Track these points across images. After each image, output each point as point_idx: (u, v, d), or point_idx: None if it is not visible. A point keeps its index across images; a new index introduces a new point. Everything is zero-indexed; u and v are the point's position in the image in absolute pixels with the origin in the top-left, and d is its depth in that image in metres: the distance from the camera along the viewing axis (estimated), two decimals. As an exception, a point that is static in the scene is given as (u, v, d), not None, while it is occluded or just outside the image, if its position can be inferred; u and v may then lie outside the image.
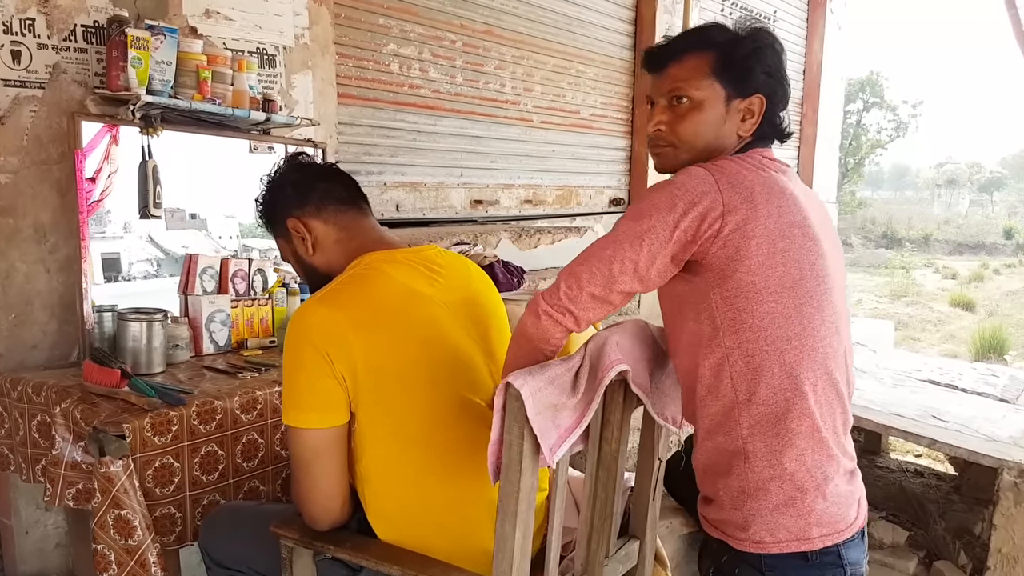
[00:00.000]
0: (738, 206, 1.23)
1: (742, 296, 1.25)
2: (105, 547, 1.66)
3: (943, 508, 3.40)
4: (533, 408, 1.20)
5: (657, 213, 1.24)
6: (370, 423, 1.37)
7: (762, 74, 1.34)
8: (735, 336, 1.26)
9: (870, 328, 5.28)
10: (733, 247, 1.23)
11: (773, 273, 1.24)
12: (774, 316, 1.24)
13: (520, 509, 1.23)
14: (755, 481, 1.28)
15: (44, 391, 1.89)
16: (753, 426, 1.28)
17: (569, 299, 1.31)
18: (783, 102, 1.39)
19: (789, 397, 1.26)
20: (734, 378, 1.28)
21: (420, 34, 3.45)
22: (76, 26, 2.19)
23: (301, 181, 1.57)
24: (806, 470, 1.27)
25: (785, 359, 1.25)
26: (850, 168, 24.67)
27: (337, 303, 1.37)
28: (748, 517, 1.28)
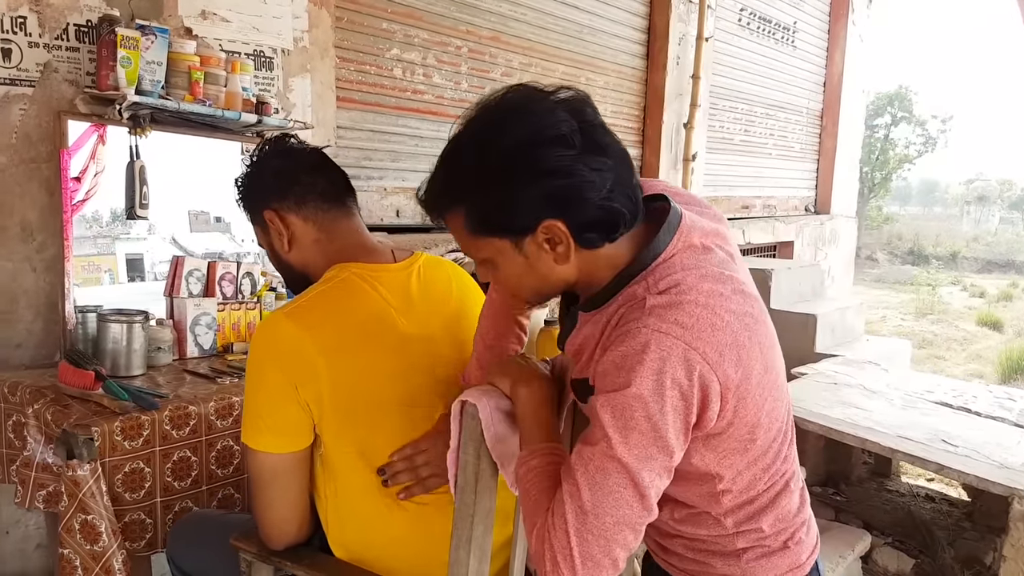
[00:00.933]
0: (729, 374, 1.00)
1: (739, 445, 1.10)
2: (71, 552, 1.64)
3: (953, 535, 3.30)
4: (492, 439, 1.16)
5: (650, 434, 0.97)
6: (335, 448, 1.32)
7: (535, 199, 0.99)
8: (733, 481, 1.12)
9: (885, 346, 5.17)
10: (731, 416, 1.03)
11: (764, 406, 1.07)
12: (769, 432, 1.11)
13: (475, 534, 1.18)
14: (754, 550, 1.19)
15: (19, 391, 1.87)
16: (730, 515, 1.16)
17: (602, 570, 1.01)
18: (588, 193, 0.98)
19: (777, 488, 1.18)
20: (713, 503, 1.15)
21: (424, 39, 3.43)
22: (68, 25, 2.18)
23: (284, 170, 1.45)
24: (791, 518, 1.20)
25: (767, 463, 1.14)
26: (877, 183, 24.37)
27: (307, 322, 1.29)
28: (748, 571, 1.19)
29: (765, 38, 5.97)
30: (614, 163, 1.00)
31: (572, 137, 0.98)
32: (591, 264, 1.07)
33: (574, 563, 0.98)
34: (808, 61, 6.61)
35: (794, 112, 6.54)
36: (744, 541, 1.17)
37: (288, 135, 1.55)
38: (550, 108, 1.00)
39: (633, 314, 1.01)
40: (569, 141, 0.97)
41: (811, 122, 6.83)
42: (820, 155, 7.00)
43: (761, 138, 6.16)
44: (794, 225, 6.37)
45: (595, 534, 0.98)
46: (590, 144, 0.99)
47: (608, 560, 0.99)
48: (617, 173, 1.00)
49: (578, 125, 0.99)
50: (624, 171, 1.02)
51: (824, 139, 6.96)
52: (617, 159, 1.01)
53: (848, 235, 7.38)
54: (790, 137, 6.57)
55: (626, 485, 0.97)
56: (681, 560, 1.23)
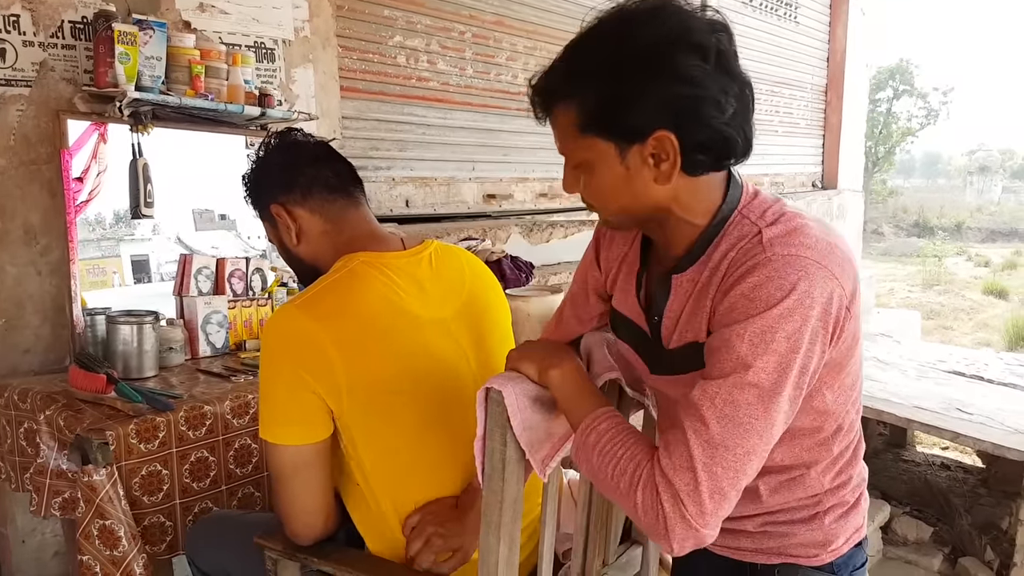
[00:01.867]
0: (849, 288, 1.00)
1: (851, 377, 1.09)
2: (90, 558, 1.62)
3: (969, 502, 3.28)
4: (519, 425, 1.13)
5: (791, 354, 0.95)
6: (357, 440, 1.29)
7: (659, 101, 0.96)
8: (839, 419, 1.11)
9: (896, 318, 5.15)
10: (850, 335, 1.03)
11: (860, 324, 1.08)
12: (855, 378, 1.11)
13: (504, 520, 1.15)
14: (836, 510, 1.18)
15: (30, 397, 1.85)
16: (828, 470, 1.15)
17: (718, 501, 0.95)
18: (711, 111, 0.96)
19: (856, 436, 1.18)
20: (825, 449, 1.14)
21: (427, 25, 3.38)
22: (63, 22, 2.14)
23: (288, 163, 1.44)
24: (861, 467, 1.22)
25: (858, 402, 1.15)
26: (880, 156, 24.25)
27: (318, 313, 1.27)
28: (828, 534, 1.17)
29: (768, 15, 5.91)
30: (740, 92, 0.99)
31: (709, 53, 0.96)
32: (688, 195, 1.04)
33: (702, 498, 0.93)
34: (811, 36, 6.54)
35: (799, 88, 6.48)
36: (832, 499, 1.16)
37: (292, 129, 1.53)
38: (696, 16, 0.98)
39: (752, 251, 0.99)
40: (707, 54, 0.95)
41: (816, 98, 6.77)
42: (826, 130, 6.94)
43: (767, 115, 6.10)
44: (802, 201, 6.33)
45: (724, 466, 0.94)
46: (724, 66, 0.97)
47: (734, 492, 0.96)
48: (741, 103, 0.99)
49: (717, 45, 0.97)
50: (747, 104, 1.01)
51: (829, 114, 6.90)
52: (744, 90, 1.00)
53: (855, 209, 7.34)
54: (795, 113, 6.51)
55: (758, 415, 0.95)
56: (755, 539, 1.19)
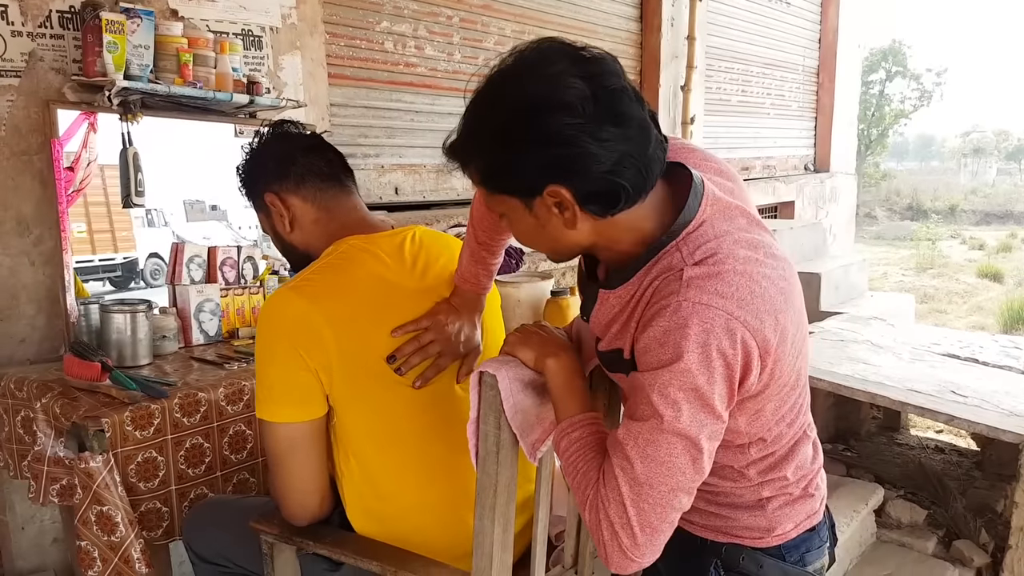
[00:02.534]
0: (769, 338, 0.98)
1: (772, 406, 1.09)
2: (89, 544, 1.63)
3: (964, 485, 3.31)
4: (511, 409, 1.14)
5: (700, 405, 0.96)
6: (349, 418, 1.32)
7: (536, 164, 0.97)
8: (755, 436, 1.12)
9: (889, 302, 5.16)
10: (768, 376, 1.02)
11: (796, 364, 1.08)
12: (779, 405, 1.11)
13: (499, 503, 1.17)
14: (778, 499, 1.19)
15: (25, 386, 1.86)
16: (753, 466, 1.16)
17: (649, 535, 0.99)
18: (590, 165, 0.95)
19: (797, 437, 1.19)
20: (740, 455, 1.15)
21: (415, 10, 3.37)
22: (51, 12, 2.14)
23: (281, 153, 1.48)
24: (809, 464, 1.22)
25: (791, 418, 1.16)
26: (873, 139, 24.25)
27: (311, 293, 1.30)
28: (772, 521, 1.19)
29: (758, -5, 5.90)
30: (630, 133, 0.96)
31: (581, 104, 0.93)
32: (608, 231, 1.04)
33: (633, 531, 0.98)
34: (802, 17, 6.53)
35: (790, 70, 6.48)
36: (769, 490, 1.17)
37: (285, 120, 1.57)
38: (562, 72, 0.95)
39: (670, 287, 0.99)
40: (576, 109, 0.93)
41: (807, 79, 6.76)
42: (818, 112, 6.94)
43: (758, 98, 6.10)
44: (794, 184, 6.33)
45: (651, 503, 0.98)
46: (604, 112, 0.94)
47: (666, 524, 1.00)
48: (631, 144, 0.96)
49: (592, 92, 0.94)
50: (640, 142, 0.97)
51: (821, 96, 6.90)
52: (635, 129, 0.96)
53: (848, 192, 7.35)
54: (787, 96, 6.51)
55: (679, 454, 0.97)
56: (703, 516, 1.22)
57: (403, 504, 1.36)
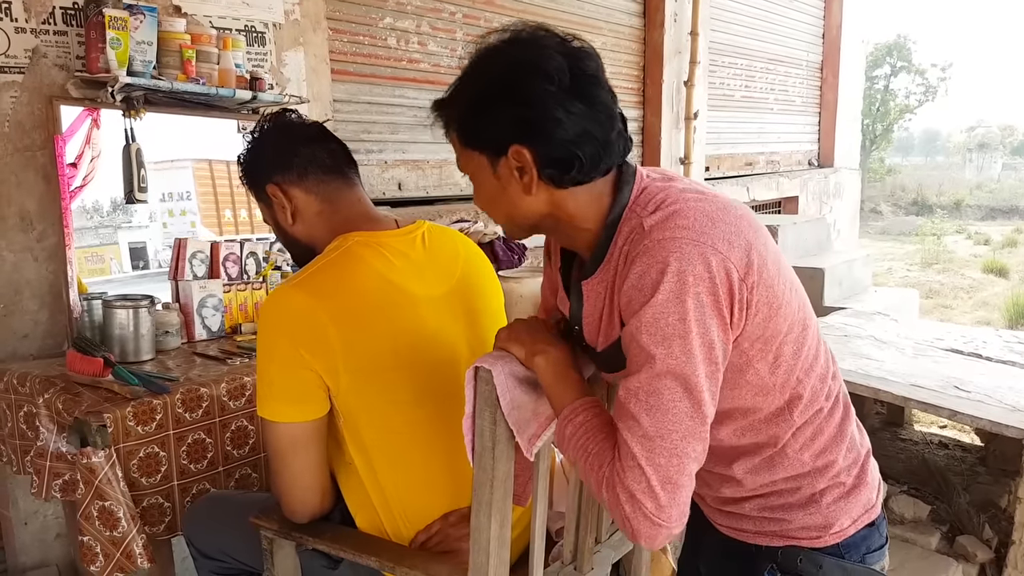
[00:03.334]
0: (740, 257, 1.00)
1: (791, 347, 1.10)
2: (91, 539, 1.64)
3: (967, 481, 3.30)
4: (508, 405, 1.14)
5: (688, 334, 0.97)
6: (352, 415, 1.31)
7: (504, 120, 1.03)
8: (788, 391, 1.12)
9: (894, 297, 5.15)
10: (765, 304, 1.03)
11: (794, 302, 1.09)
12: (798, 347, 1.11)
13: (495, 498, 1.16)
14: (832, 491, 1.18)
15: (28, 381, 1.87)
16: (806, 448, 1.16)
17: (669, 493, 0.99)
18: (552, 128, 1.01)
19: (839, 410, 1.20)
20: (783, 422, 1.14)
21: (417, 6, 3.37)
22: (55, 8, 2.14)
23: (283, 144, 1.46)
24: (858, 445, 1.22)
25: (821, 372, 1.16)
26: (878, 134, 24.16)
27: (315, 290, 1.28)
28: (829, 517, 1.17)
29: (762, -9, 5.89)
30: (595, 114, 1.03)
31: (558, 76, 1.01)
32: (570, 205, 1.09)
33: (654, 491, 0.97)
34: (806, 13, 6.51)
35: (794, 65, 6.46)
36: (823, 481, 1.16)
37: (287, 110, 1.55)
38: (548, 46, 1.04)
39: (638, 240, 1.03)
40: (552, 78, 1.01)
41: (811, 75, 6.74)
42: (821, 108, 6.92)
43: (762, 93, 6.08)
44: (798, 180, 6.32)
45: (666, 456, 0.98)
46: (577, 89, 1.02)
47: (685, 478, 0.99)
48: (595, 125, 1.03)
49: (570, 69, 1.01)
50: (603, 126, 1.04)
51: (825, 91, 6.88)
52: (602, 113, 1.04)
53: (852, 187, 7.33)
54: (791, 91, 6.49)
55: (680, 396, 0.98)
56: (757, 523, 1.20)
57: (405, 501, 1.36)
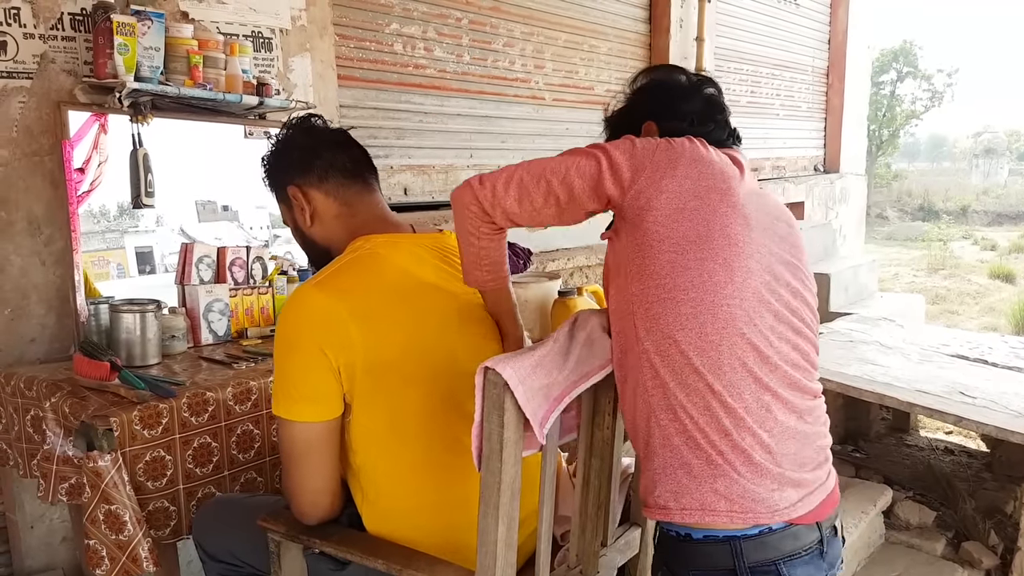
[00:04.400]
0: (660, 165, 1.25)
1: (647, 244, 1.23)
2: (97, 542, 1.64)
3: (973, 487, 3.29)
4: (524, 395, 1.15)
5: (613, 147, 1.29)
6: (367, 416, 1.31)
7: (639, 111, 1.49)
8: (639, 283, 1.24)
9: (899, 303, 5.14)
10: (645, 199, 1.24)
11: (678, 227, 1.22)
12: (673, 265, 1.21)
13: (502, 501, 1.17)
14: (660, 437, 1.23)
15: (35, 385, 1.87)
16: (655, 377, 1.22)
17: (499, 175, 1.31)
18: (676, 112, 1.44)
19: (682, 349, 1.20)
20: (637, 326, 1.25)
21: (424, 12, 3.38)
22: (63, 14, 2.15)
23: (307, 147, 1.49)
24: (702, 432, 1.19)
25: (680, 309, 1.20)
26: (884, 140, 24.12)
27: (336, 289, 1.30)
28: (653, 477, 1.23)
29: (768, -4, 5.89)
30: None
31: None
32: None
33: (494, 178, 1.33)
34: (811, 19, 6.51)
35: (799, 71, 6.46)
36: (659, 414, 1.24)
37: (312, 115, 1.57)
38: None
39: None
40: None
41: (817, 80, 6.74)
42: (827, 113, 6.92)
43: (768, 99, 6.09)
44: (804, 185, 6.31)
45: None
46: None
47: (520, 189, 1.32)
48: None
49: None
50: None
51: (831, 97, 6.87)
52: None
53: (858, 193, 7.32)
54: (796, 96, 6.49)
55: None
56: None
57: (416, 504, 1.36)
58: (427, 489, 1.35)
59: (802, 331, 1.28)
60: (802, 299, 1.30)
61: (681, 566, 1.25)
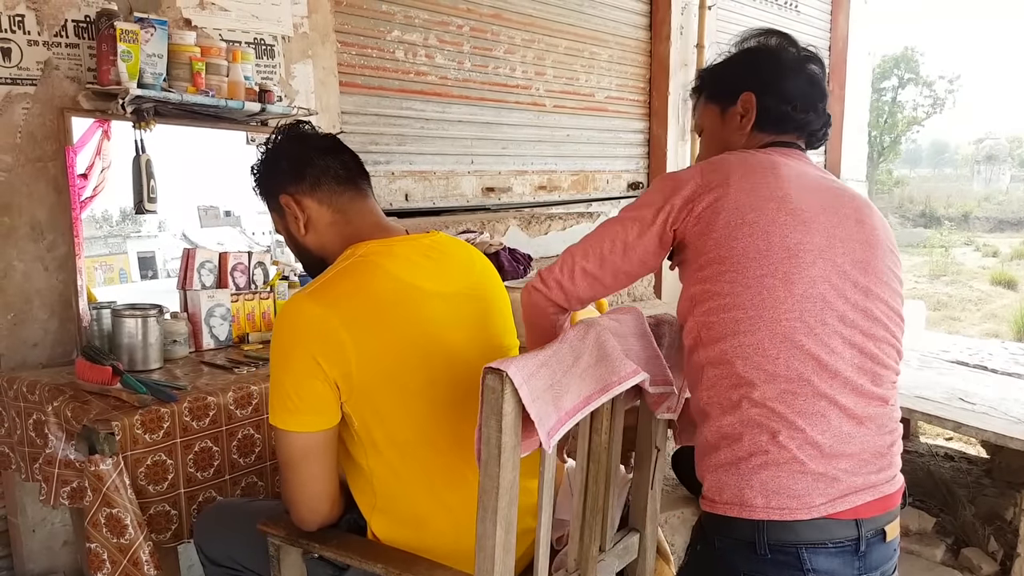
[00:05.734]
0: (713, 186, 1.28)
1: (709, 268, 1.27)
2: (98, 546, 1.65)
3: (973, 493, 3.29)
4: (529, 395, 1.14)
5: (649, 199, 1.35)
6: (366, 424, 1.31)
7: (743, 74, 1.46)
8: (701, 306, 1.29)
9: (900, 309, 5.14)
10: (705, 223, 1.27)
11: (738, 244, 1.25)
12: (734, 285, 1.24)
13: (501, 505, 1.17)
14: (711, 440, 1.29)
15: (38, 389, 1.89)
16: (711, 389, 1.29)
17: (562, 273, 1.41)
18: (779, 89, 1.43)
19: (741, 366, 1.24)
20: (701, 346, 1.31)
21: (425, 20, 3.40)
22: (67, 21, 2.17)
23: (297, 155, 1.47)
24: (753, 435, 1.24)
25: (739, 327, 1.24)
26: (886, 146, 24.13)
27: (329, 299, 1.29)
28: (703, 473, 1.31)
29: (768, 3, 5.90)
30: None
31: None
32: (733, 140, 1.49)
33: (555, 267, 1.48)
34: (812, 25, 6.52)
35: (799, 77, 6.47)
36: (714, 419, 1.31)
37: (301, 121, 1.56)
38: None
39: None
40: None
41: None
42: (828, 120, 6.93)
43: (767, 105, 6.09)
44: (804, 192, 6.31)
45: (581, 243, 1.44)
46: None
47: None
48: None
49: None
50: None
51: (831, 104, 6.86)
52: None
53: (859, 199, 7.32)
54: (796, 103, 6.49)
55: (610, 232, 1.40)
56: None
57: (418, 508, 1.36)
58: (438, 493, 1.36)
59: (872, 333, 1.27)
60: (875, 297, 1.29)
61: (713, 530, 1.31)
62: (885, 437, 1.29)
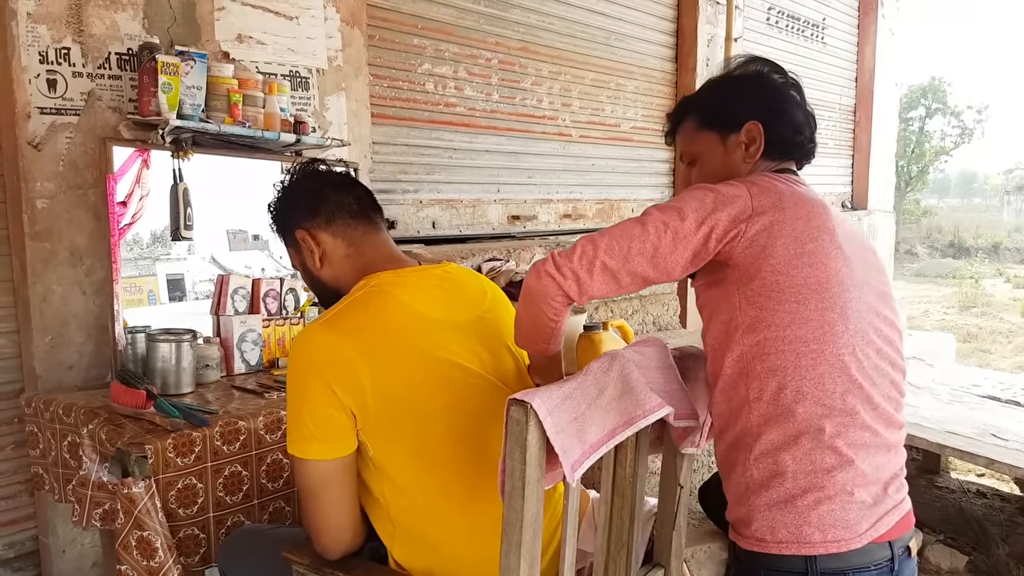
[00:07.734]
0: (767, 209, 1.26)
1: (765, 295, 1.25)
2: (128, 568, 1.67)
3: (1007, 531, 3.23)
4: (553, 427, 1.15)
5: (689, 207, 1.26)
6: (384, 451, 1.33)
7: (748, 103, 1.42)
8: (753, 335, 1.27)
9: (929, 341, 5.08)
10: (759, 247, 1.24)
11: (799, 273, 1.24)
12: (795, 316, 1.24)
13: (525, 539, 1.18)
14: (758, 477, 1.28)
15: (73, 412, 1.92)
16: (762, 424, 1.27)
17: (580, 263, 1.27)
18: (786, 118, 1.41)
19: (799, 399, 1.25)
20: (748, 377, 1.28)
21: (455, 53, 3.46)
22: (110, 54, 2.24)
23: (313, 191, 1.52)
24: (808, 471, 1.24)
25: (801, 361, 1.24)
26: (913, 176, 23.94)
27: (343, 328, 1.31)
28: (750, 512, 1.28)
29: (794, 35, 5.92)
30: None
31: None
32: (738, 169, 1.46)
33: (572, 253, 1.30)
34: (838, 57, 6.54)
35: (826, 108, 6.47)
36: (763, 457, 1.28)
37: (315, 159, 1.61)
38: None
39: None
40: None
41: (844, 118, 6.75)
42: (855, 150, 6.91)
43: (794, 136, 6.08)
44: (830, 222, 6.28)
45: (606, 235, 1.30)
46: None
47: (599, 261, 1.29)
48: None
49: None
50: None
51: (858, 134, 6.87)
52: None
53: (886, 230, 7.27)
54: (824, 133, 6.46)
55: (640, 231, 1.29)
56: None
57: (438, 535, 1.37)
58: (459, 519, 1.36)
59: (896, 363, 1.33)
60: (893, 326, 1.34)
61: (758, 566, 1.29)
62: (901, 459, 1.33)
